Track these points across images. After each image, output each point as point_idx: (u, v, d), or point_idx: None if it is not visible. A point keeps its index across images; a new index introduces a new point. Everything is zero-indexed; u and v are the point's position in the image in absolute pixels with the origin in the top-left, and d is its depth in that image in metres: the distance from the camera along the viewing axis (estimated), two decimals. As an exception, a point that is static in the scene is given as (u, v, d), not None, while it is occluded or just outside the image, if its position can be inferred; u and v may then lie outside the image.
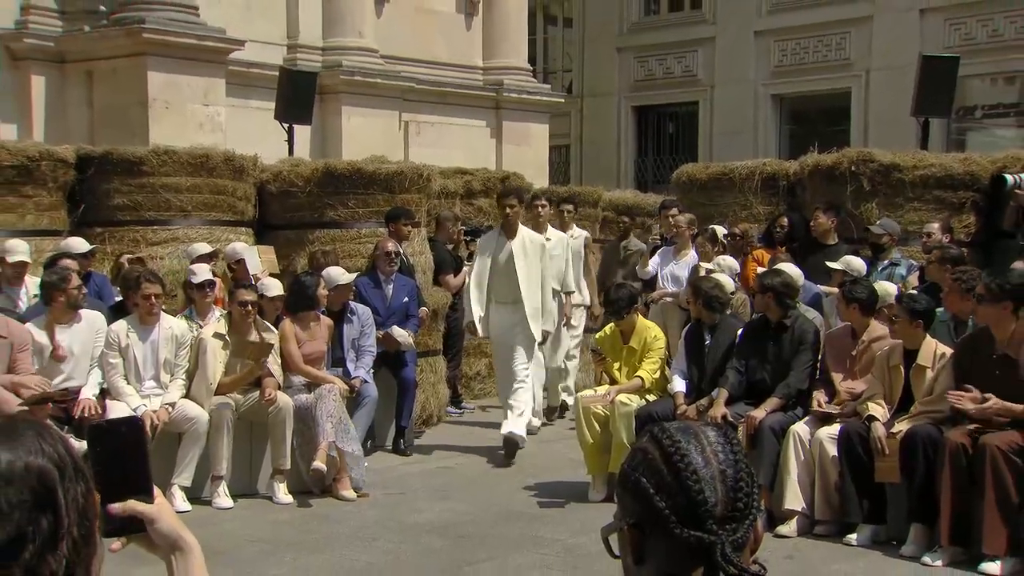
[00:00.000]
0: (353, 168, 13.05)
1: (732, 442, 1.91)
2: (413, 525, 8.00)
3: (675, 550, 1.81)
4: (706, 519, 1.80)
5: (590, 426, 8.73)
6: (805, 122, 25.18)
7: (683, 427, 1.92)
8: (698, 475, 1.82)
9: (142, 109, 14.72)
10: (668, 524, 1.81)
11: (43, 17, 15.27)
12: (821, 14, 24.63)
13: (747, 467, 1.88)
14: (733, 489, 1.83)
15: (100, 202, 12.35)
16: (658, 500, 1.82)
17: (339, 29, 17.71)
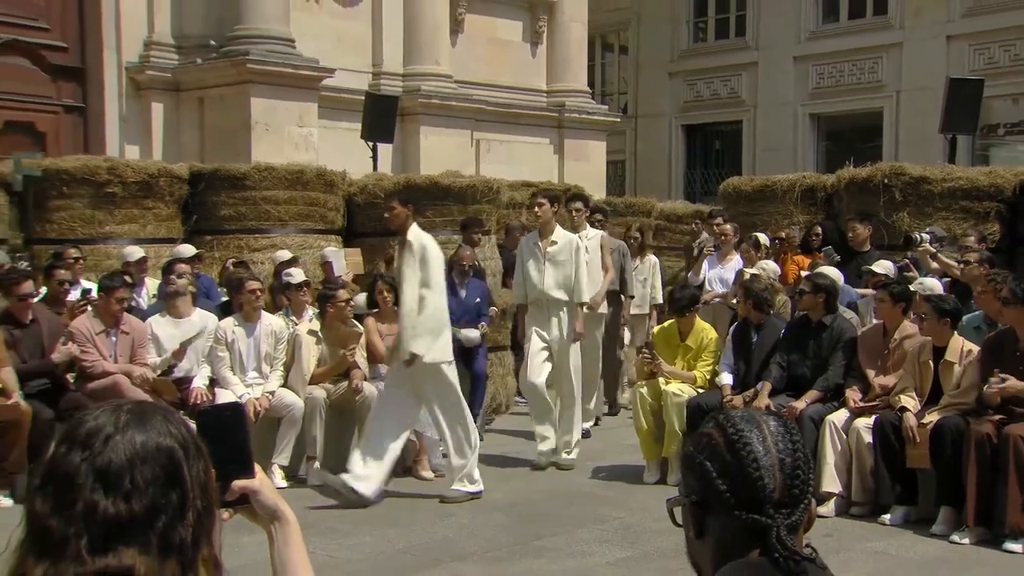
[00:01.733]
0: (430, 182, 13.08)
1: (792, 432, 1.86)
2: (484, 503, 7.97)
3: (733, 529, 1.79)
4: (764, 503, 1.77)
5: (645, 415, 8.69)
6: (840, 139, 24.90)
7: (746, 416, 1.88)
8: (758, 462, 1.79)
9: (246, 131, 14.85)
10: (728, 505, 1.78)
11: (162, 52, 15.46)
12: (855, 41, 24.47)
13: (804, 455, 1.85)
14: (790, 476, 1.80)
15: (209, 213, 12.52)
16: (719, 483, 1.79)
17: (418, 58, 17.75)
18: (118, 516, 1.60)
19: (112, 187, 11.95)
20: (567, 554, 6.64)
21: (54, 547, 1.59)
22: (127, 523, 1.61)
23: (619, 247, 11.13)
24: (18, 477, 7.93)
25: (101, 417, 1.68)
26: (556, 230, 9.41)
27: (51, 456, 1.67)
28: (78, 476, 1.61)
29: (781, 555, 1.74)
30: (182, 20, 15.57)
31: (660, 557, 6.38)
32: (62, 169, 11.94)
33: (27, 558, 1.62)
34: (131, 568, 1.59)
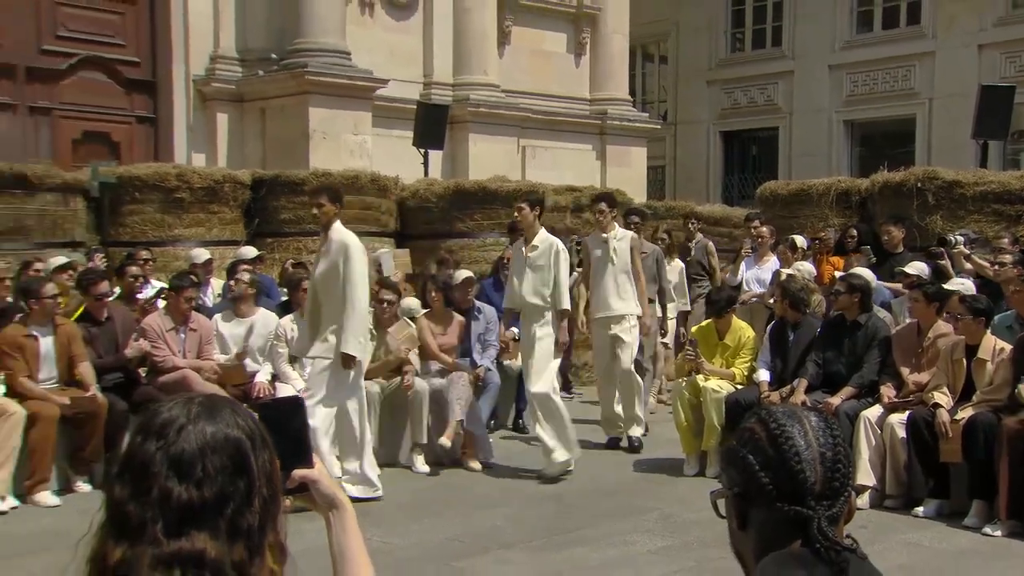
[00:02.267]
0: (479, 187, 13.13)
1: (832, 427, 1.85)
2: (530, 493, 7.97)
3: (775, 521, 1.77)
4: (805, 496, 1.75)
5: (684, 410, 8.64)
6: (873, 145, 24.59)
7: (788, 411, 1.86)
8: (800, 456, 1.77)
9: (304, 139, 14.93)
10: (770, 498, 1.77)
11: (227, 65, 15.58)
12: (889, 50, 24.19)
13: (845, 450, 1.83)
14: (831, 470, 1.78)
15: (270, 217, 12.66)
16: (762, 476, 1.78)
17: (467, 68, 17.78)
18: (190, 502, 1.63)
19: (180, 193, 12.13)
20: (609, 543, 6.61)
21: (132, 530, 1.62)
22: (199, 509, 1.63)
23: (654, 252, 10.45)
24: (95, 465, 8.05)
25: (174, 409, 1.71)
26: (539, 235, 8.70)
27: (128, 445, 1.70)
28: (153, 464, 1.64)
29: (822, 545, 1.73)
30: (245, 35, 15.69)
31: (700, 547, 6.34)
32: (135, 176, 12.13)
33: (107, 541, 1.64)
34: (203, 551, 1.61)
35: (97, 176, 11.92)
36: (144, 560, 1.60)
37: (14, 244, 10.91)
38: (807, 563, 1.74)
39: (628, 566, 6.16)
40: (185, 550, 1.61)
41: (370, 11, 16.91)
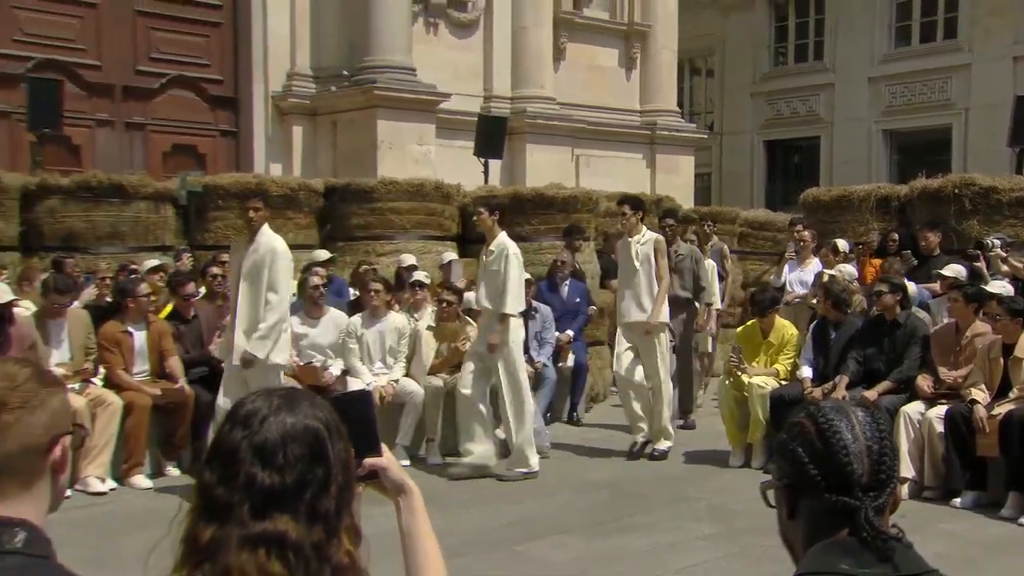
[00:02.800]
0: (536, 193, 13.10)
1: (878, 421, 1.83)
2: (584, 482, 7.96)
3: (823, 511, 1.75)
4: (852, 487, 1.73)
5: (730, 405, 8.61)
6: (911, 154, 24.22)
7: (836, 406, 1.84)
8: (847, 449, 1.75)
9: (372, 150, 15.03)
10: (819, 489, 1.75)
11: (302, 82, 15.74)
12: (926, 62, 23.89)
13: (890, 443, 1.81)
14: (877, 462, 1.76)
15: (342, 222, 12.73)
16: (811, 468, 1.76)
17: (524, 82, 17.78)
18: (273, 487, 1.65)
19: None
20: (660, 530, 6.59)
21: (220, 512, 1.65)
22: (280, 493, 1.65)
23: (691, 253, 9.92)
24: (183, 451, 8.18)
25: (258, 401, 1.73)
26: (496, 240, 8.19)
27: (217, 434, 1.73)
28: (239, 452, 1.67)
29: (869, 534, 1.72)
30: (319, 54, 15.84)
31: (745, 534, 6.30)
32: (219, 185, 12.26)
33: (198, 522, 1.66)
34: (284, 533, 1.63)
35: (185, 185, 12.10)
36: (232, 540, 1.62)
37: (112, 248, 11.09)
38: (854, 551, 1.72)
39: (677, 551, 6.14)
40: (269, 531, 1.63)
41: (434, 30, 16.98)
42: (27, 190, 10.96)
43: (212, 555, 1.63)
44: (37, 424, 1.74)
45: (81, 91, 14.29)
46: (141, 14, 14.91)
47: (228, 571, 1.61)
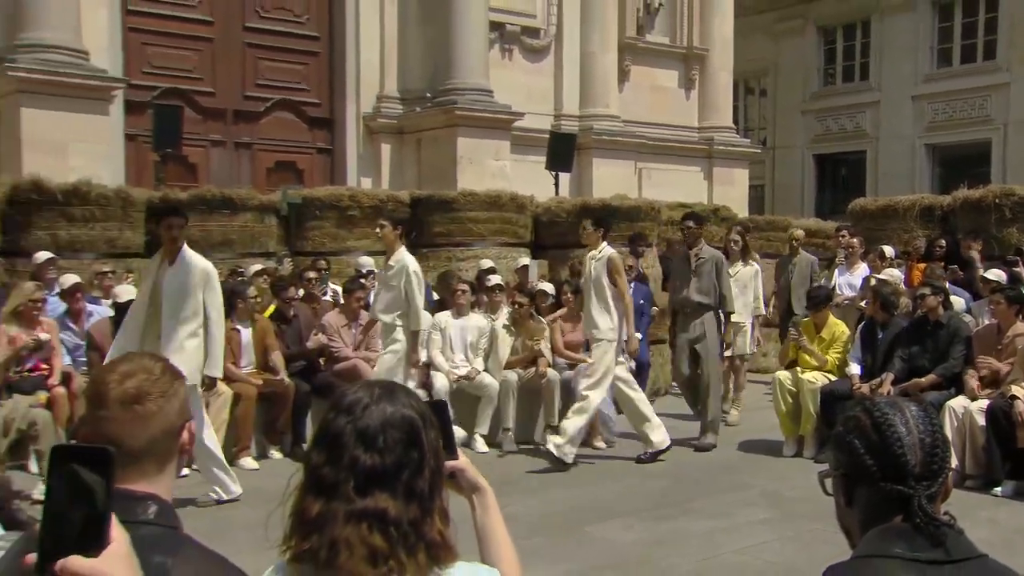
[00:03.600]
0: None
1: (931, 415, 1.80)
2: (647, 468, 7.91)
3: (879, 499, 1.73)
4: (906, 477, 1.71)
5: (784, 398, 8.49)
6: (952, 166, 23.59)
7: (890, 402, 1.81)
8: (902, 441, 1.73)
9: (453, 164, 15.11)
10: (875, 478, 1.73)
11: (390, 104, 15.89)
12: (966, 82, 23.41)
13: (942, 436, 1.78)
14: (930, 454, 1.74)
15: (425, 230, 12.81)
16: (867, 459, 1.74)
17: (592, 102, 17.76)
18: (374, 467, 1.68)
19: (352, 211, 12.37)
20: (717, 514, 6.52)
21: (328, 489, 1.67)
22: (381, 473, 1.68)
23: (712, 258, 8.85)
24: (285, 436, 8.30)
25: (360, 392, 1.76)
26: (397, 254, 7.78)
27: (323, 420, 1.76)
28: (344, 436, 1.70)
29: (922, 521, 1.69)
30: (405, 78, 15.97)
31: (798, 519, 6.20)
32: (315, 197, 12.44)
33: (306, 497, 1.69)
34: (385, 510, 1.65)
35: (286, 198, 12.30)
36: (339, 515, 1.65)
37: (222, 254, 11.29)
38: (908, 536, 1.70)
39: (733, 534, 6.07)
40: (371, 508, 1.65)
41: (509, 56, 17.05)
42: (151, 203, 11.23)
43: (320, 527, 1.65)
44: (172, 411, 1.80)
45: (197, 115, 14.60)
46: (250, 46, 15.21)
47: (335, 543, 1.63)
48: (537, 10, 17.33)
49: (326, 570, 1.65)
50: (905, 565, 1.67)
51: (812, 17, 26.26)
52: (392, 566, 1.64)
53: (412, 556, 1.66)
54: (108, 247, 10.79)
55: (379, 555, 1.63)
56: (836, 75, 26.48)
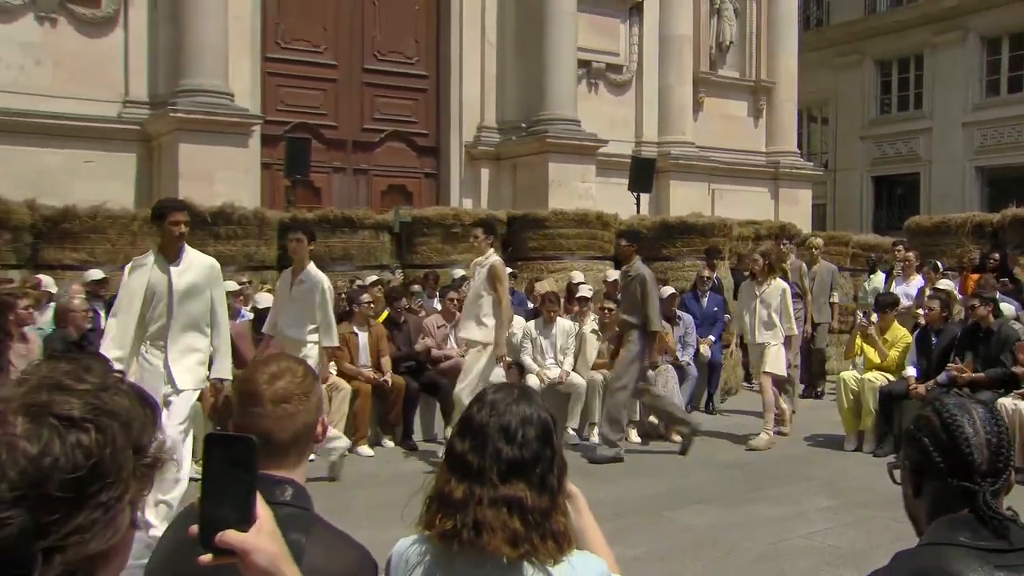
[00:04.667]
0: (679, 221, 12.95)
1: (997, 418, 1.74)
2: (719, 461, 7.78)
3: (946, 493, 1.69)
4: (973, 474, 1.67)
5: (846, 396, 8.28)
6: (1000, 187, 22.69)
7: (959, 403, 1.76)
8: (969, 441, 1.68)
9: (544, 186, 15.12)
10: (943, 474, 1.69)
11: (489, 133, 16.02)
12: (1013, 109, 22.59)
13: (1007, 437, 1.73)
14: (995, 454, 1.69)
15: (520, 245, 12.88)
16: (936, 456, 1.70)
17: (669, 130, 17.60)
18: (514, 459, 1.70)
19: (455, 228, 12.48)
20: (784, 502, 6.38)
21: (473, 474, 1.70)
22: (520, 464, 1.70)
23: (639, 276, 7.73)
24: (396, 427, 8.39)
25: (500, 392, 1.80)
26: (307, 269, 6.66)
27: (466, 414, 1.79)
28: (488, 428, 1.72)
29: (987, 515, 1.65)
30: (503, 111, 16.08)
31: (859, 507, 6.04)
32: (424, 216, 12.60)
33: (449, 481, 1.72)
34: (523, 497, 1.68)
35: (398, 217, 12.49)
36: (483, 498, 1.67)
37: (343, 266, 11.53)
38: (973, 527, 1.66)
39: (799, 519, 5.93)
40: (511, 495, 1.67)
41: (595, 89, 17.03)
42: (282, 223, 11.54)
43: (463, 508, 1.68)
44: (312, 408, 1.83)
45: (322, 146, 14.91)
46: (367, 85, 15.51)
47: (479, 524, 1.66)
48: (620, 48, 17.27)
49: (469, 548, 1.67)
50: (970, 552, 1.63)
51: (869, 52, 25.62)
52: (528, 549, 1.65)
53: (544, 542, 1.67)
54: (247, 261, 11.11)
55: (518, 538, 1.65)
56: (892, 104, 25.79)
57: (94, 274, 8.92)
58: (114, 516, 0.86)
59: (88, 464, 0.84)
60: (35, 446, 0.83)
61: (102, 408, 0.87)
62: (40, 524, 0.81)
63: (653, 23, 17.36)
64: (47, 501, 0.82)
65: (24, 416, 0.85)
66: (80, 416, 0.86)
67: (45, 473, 0.82)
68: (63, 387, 0.88)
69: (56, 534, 0.82)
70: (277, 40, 14.60)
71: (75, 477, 0.84)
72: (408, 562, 1.75)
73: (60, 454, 0.84)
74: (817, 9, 26.70)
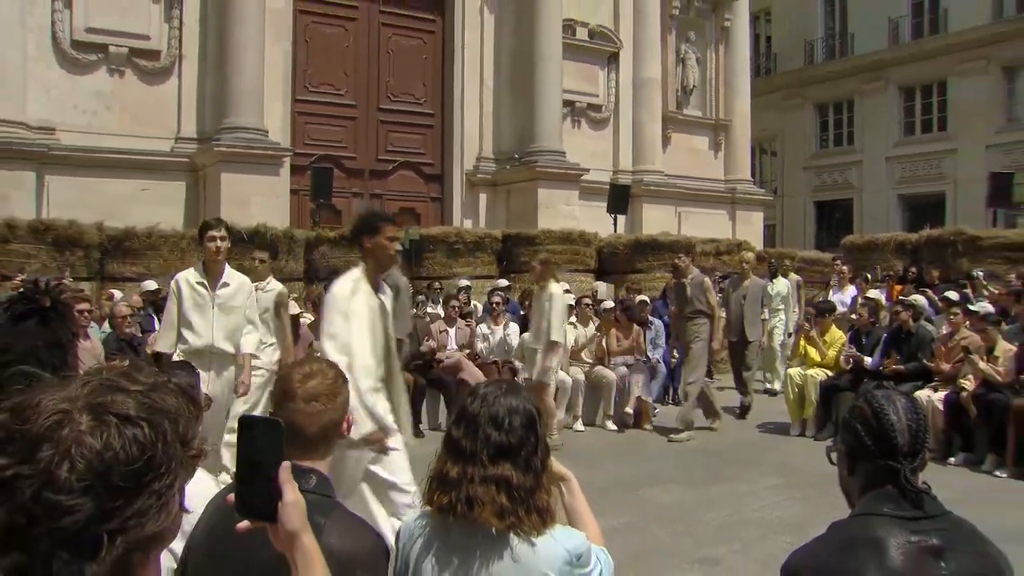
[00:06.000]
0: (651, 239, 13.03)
1: (916, 406, 1.80)
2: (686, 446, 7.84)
3: (875, 471, 1.74)
4: (897, 454, 1.72)
5: (792, 389, 8.37)
6: (918, 212, 22.98)
7: (886, 395, 1.81)
8: (894, 427, 1.73)
9: (534, 209, 15.07)
10: (872, 455, 1.73)
11: (486, 162, 15.96)
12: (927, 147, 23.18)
13: (925, 423, 1.78)
14: (915, 437, 1.74)
15: (513, 260, 12.91)
16: (867, 440, 1.75)
17: (642, 160, 17.61)
18: (502, 444, 1.72)
19: (457, 245, 12.52)
20: (739, 481, 6.45)
21: (466, 457, 1.72)
22: (507, 448, 1.72)
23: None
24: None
25: (490, 387, 1.81)
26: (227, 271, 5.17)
27: (462, 406, 1.81)
28: (480, 418, 1.74)
29: (907, 488, 1.70)
30: (499, 143, 16.06)
31: (803, 485, 6.11)
32: (430, 235, 12.62)
33: (447, 462, 1.74)
34: (510, 476, 1.70)
35: (408, 235, 12.44)
36: (475, 477, 1.69)
37: (361, 278, 11.51)
38: (896, 499, 1.71)
39: (752, 496, 6.00)
40: (499, 474, 1.69)
41: (578, 126, 17.08)
42: (308, 240, 11.59)
43: (457, 486, 1.70)
44: (339, 406, 1.84)
45: (343, 174, 14.87)
46: (382, 122, 15.51)
47: (471, 499, 1.67)
48: (599, 91, 17.34)
49: (463, 520, 1.68)
50: (892, 520, 1.68)
51: (809, 97, 25.93)
52: (513, 521, 1.66)
53: (528, 515, 1.68)
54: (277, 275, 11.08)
55: (505, 511, 1.66)
56: (829, 140, 26.08)
57: (149, 284, 9.00)
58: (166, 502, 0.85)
59: (143, 457, 0.83)
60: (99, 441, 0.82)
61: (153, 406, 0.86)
62: (104, 510, 0.81)
63: (627, 69, 17.43)
64: (110, 490, 0.81)
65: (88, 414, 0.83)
66: (135, 414, 0.85)
67: (108, 465, 0.81)
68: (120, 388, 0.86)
69: (118, 518, 0.81)
70: (305, 84, 14.64)
71: (133, 468, 0.83)
72: (412, 534, 1.76)
73: (120, 448, 0.82)
74: (766, 60, 27.02)
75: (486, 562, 1.66)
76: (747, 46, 19.56)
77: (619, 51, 17.34)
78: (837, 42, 25.27)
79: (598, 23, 17.10)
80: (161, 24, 12.98)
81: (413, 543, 1.75)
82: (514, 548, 1.67)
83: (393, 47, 15.51)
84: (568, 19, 16.27)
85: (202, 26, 13.13)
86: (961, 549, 1.66)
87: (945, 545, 1.65)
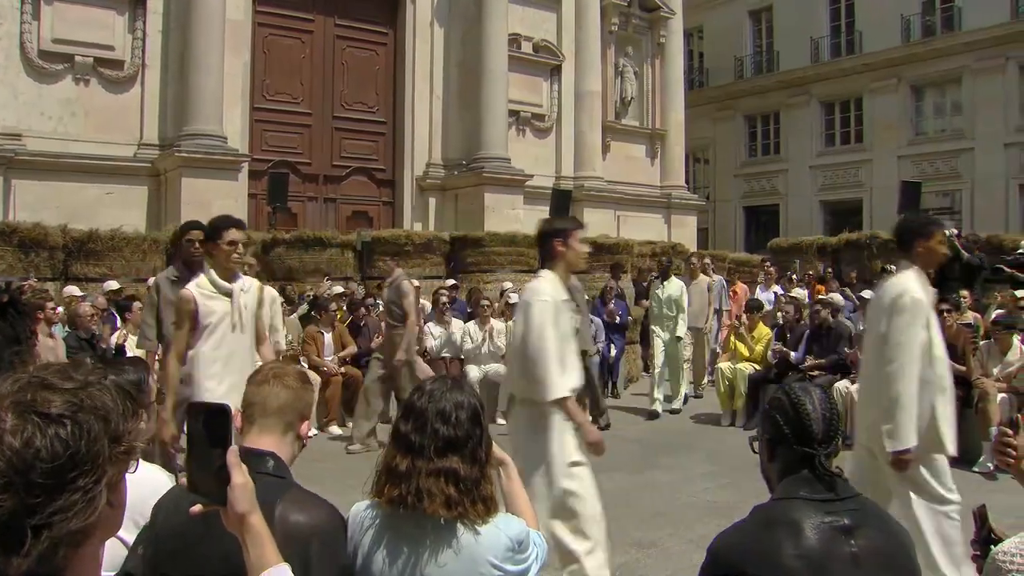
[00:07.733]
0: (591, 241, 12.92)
1: (830, 397, 1.83)
2: (625, 434, 7.88)
3: (793, 457, 1.76)
4: (812, 441, 1.74)
5: (723, 381, 8.49)
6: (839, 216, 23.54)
7: (802, 387, 1.84)
8: (810, 416, 1.75)
9: (481, 212, 15.03)
10: (789, 442, 1.75)
11: (435, 168, 15.86)
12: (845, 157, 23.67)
13: (838, 412, 1.80)
14: (829, 425, 1.76)
15: (461, 260, 12.84)
16: (784, 427, 1.77)
17: (583, 167, 17.71)
18: (449, 437, 1.70)
19: (408, 247, 12.41)
20: (675, 469, 6.52)
21: (414, 451, 1.69)
22: (454, 442, 1.70)
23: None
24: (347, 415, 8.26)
25: (437, 383, 1.79)
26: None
27: (408, 401, 1.78)
28: (427, 413, 1.72)
29: (822, 473, 1.73)
30: (447, 150, 16.00)
31: (732, 472, 6.19)
32: (381, 237, 12.46)
33: (395, 456, 1.71)
34: (457, 469, 1.68)
35: (360, 237, 12.34)
36: (423, 470, 1.67)
37: (314, 278, 11.36)
38: (811, 483, 1.73)
39: (687, 482, 6.07)
40: (446, 467, 1.67)
41: (522, 133, 17.10)
42: (265, 242, 11.35)
43: (407, 478, 1.67)
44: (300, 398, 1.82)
45: (299, 179, 14.66)
46: (337, 129, 15.29)
47: (420, 491, 1.65)
48: (543, 101, 17.39)
49: (412, 511, 1.66)
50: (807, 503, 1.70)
51: (739, 109, 26.38)
52: (461, 511, 1.66)
53: (474, 505, 1.68)
54: (234, 273, 10.85)
55: (452, 502, 1.65)
56: (757, 150, 26.57)
57: (111, 284, 8.87)
58: (92, 498, 0.82)
59: (66, 454, 0.81)
60: (18, 440, 0.80)
61: (82, 404, 0.84)
62: (27, 505, 0.79)
63: (569, 81, 17.53)
64: (31, 487, 0.79)
65: (12, 412, 0.81)
66: (58, 412, 0.82)
67: (28, 463, 0.80)
68: (49, 385, 0.84)
69: (41, 514, 0.80)
70: (263, 93, 14.37)
71: (55, 466, 0.81)
72: (363, 524, 1.73)
73: (41, 446, 0.80)
74: (699, 74, 27.48)
75: (435, 552, 1.65)
76: (681, 61, 19.87)
77: (562, 64, 17.43)
78: (764, 59, 25.91)
79: (542, 38, 17.16)
80: (125, 35, 12.78)
81: (364, 534, 1.72)
82: (460, 538, 1.66)
83: (347, 59, 15.31)
84: (514, 33, 16.28)
85: (164, 37, 12.94)
86: (870, 527, 1.69)
87: (855, 524, 1.68)
